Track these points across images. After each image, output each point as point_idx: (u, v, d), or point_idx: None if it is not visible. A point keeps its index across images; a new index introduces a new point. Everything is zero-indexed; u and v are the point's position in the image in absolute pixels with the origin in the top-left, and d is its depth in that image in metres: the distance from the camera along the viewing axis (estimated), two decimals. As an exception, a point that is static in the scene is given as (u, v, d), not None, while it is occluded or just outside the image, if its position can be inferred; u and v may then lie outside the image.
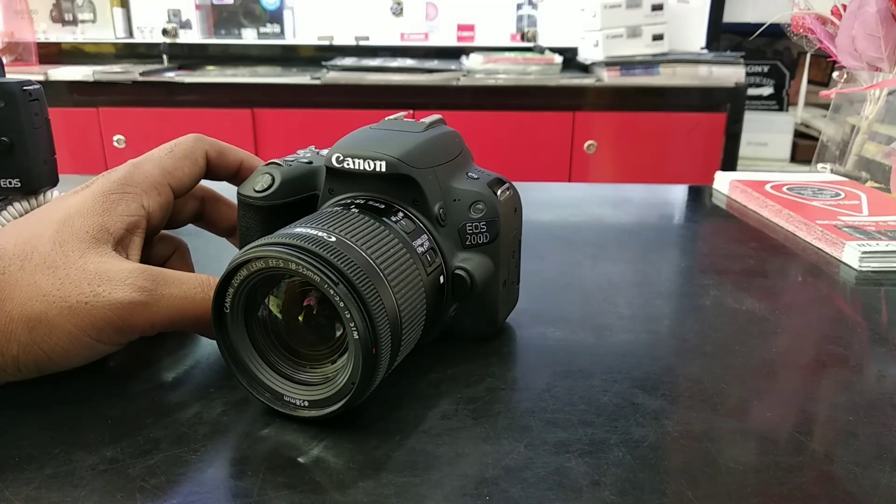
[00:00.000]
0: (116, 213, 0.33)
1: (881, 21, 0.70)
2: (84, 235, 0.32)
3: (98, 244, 0.32)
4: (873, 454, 0.29)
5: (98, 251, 0.31)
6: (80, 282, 0.30)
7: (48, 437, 0.29)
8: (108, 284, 0.30)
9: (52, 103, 0.48)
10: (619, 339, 0.40)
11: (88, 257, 0.31)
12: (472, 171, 0.37)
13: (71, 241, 0.31)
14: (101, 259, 0.31)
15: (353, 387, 0.28)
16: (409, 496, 0.26)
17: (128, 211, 0.34)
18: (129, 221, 0.34)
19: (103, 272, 0.30)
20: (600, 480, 0.27)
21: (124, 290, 0.30)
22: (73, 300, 0.29)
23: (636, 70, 1.73)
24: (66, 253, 0.31)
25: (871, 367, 0.38)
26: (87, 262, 0.31)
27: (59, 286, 0.29)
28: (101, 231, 0.32)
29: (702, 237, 0.64)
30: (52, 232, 0.31)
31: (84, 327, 0.29)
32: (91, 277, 0.30)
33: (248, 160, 0.40)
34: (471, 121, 1.70)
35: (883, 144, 0.75)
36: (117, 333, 0.31)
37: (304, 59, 2.05)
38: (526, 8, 2.02)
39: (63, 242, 0.31)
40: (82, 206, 0.33)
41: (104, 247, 0.32)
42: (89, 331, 0.30)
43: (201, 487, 0.27)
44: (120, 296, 0.30)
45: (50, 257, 0.30)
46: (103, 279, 0.30)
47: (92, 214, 0.33)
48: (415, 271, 0.32)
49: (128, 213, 0.34)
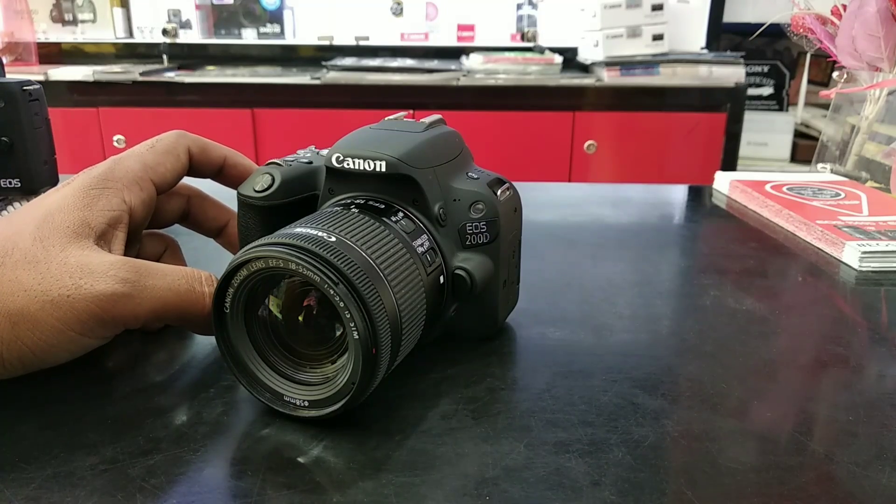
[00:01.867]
0: (97, 208, 0.33)
1: (881, 21, 0.70)
2: (65, 230, 0.31)
3: (79, 238, 0.31)
4: (873, 454, 0.29)
5: (79, 245, 0.31)
6: (62, 275, 0.30)
7: (48, 437, 0.29)
8: (89, 277, 0.30)
9: (52, 103, 0.48)
10: (619, 339, 0.40)
11: (69, 251, 0.31)
12: (472, 171, 0.37)
13: (52, 236, 0.31)
14: (82, 252, 0.31)
15: (353, 387, 0.28)
16: (409, 496, 0.26)
17: (109, 206, 0.33)
18: (110, 216, 0.33)
19: (84, 265, 0.30)
20: (600, 480, 0.27)
21: (106, 281, 0.30)
22: (54, 294, 0.29)
23: (636, 70, 1.73)
24: (47, 248, 0.30)
25: (871, 367, 0.38)
26: (69, 255, 0.30)
27: (40, 280, 0.29)
28: (82, 225, 0.32)
29: (702, 237, 0.64)
30: (32, 228, 0.31)
31: (67, 321, 0.29)
32: (73, 270, 0.30)
33: (232, 157, 0.40)
34: (471, 121, 1.70)
35: (883, 144, 0.75)
36: (101, 326, 0.30)
37: (304, 59, 2.05)
38: (526, 8, 2.02)
39: (44, 238, 0.31)
40: (62, 202, 0.33)
41: (85, 241, 0.32)
42: (72, 324, 0.29)
43: (201, 487, 0.27)
44: (102, 287, 0.30)
45: (31, 252, 0.30)
46: (85, 272, 0.30)
47: (72, 209, 0.32)
48: (415, 271, 0.32)
49: (109, 207, 0.33)
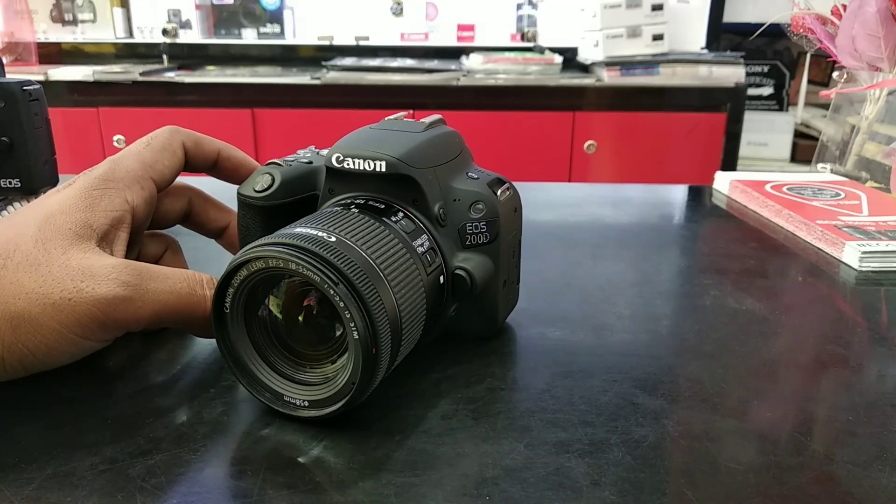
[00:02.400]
0: (99, 209, 0.33)
1: (881, 21, 0.70)
2: (67, 232, 0.31)
3: (81, 241, 0.31)
4: (873, 454, 0.29)
5: (81, 247, 0.31)
6: (63, 278, 0.29)
7: (48, 437, 0.29)
8: (91, 280, 0.30)
9: (52, 103, 0.48)
10: (619, 339, 0.40)
11: (71, 254, 0.30)
12: (472, 171, 0.37)
13: (53, 238, 0.31)
14: (84, 255, 0.31)
15: (353, 387, 0.28)
16: (409, 496, 0.26)
17: (111, 206, 0.33)
18: (112, 217, 0.33)
19: (86, 268, 0.30)
20: (600, 480, 0.27)
21: (108, 285, 0.30)
22: (56, 297, 0.29)
23: (636, 70, 1.73)
24: (49, 250, 0.30)
25: (871, 367, 0.38)
26: (70, 258, 0.30)
27: (41, 283, 0.29)
28: (84, 227, 0.32)
29: (702, 237, 0.64)
30: (34, 230, 0.31)
31: (68, 324, 0.29)
32: (74, 274, 0.30)
33: (226, 150, 0.40)
34: (471, 121, 1.70)
35: (883, 144, 0.75)
36: (102, 329, 0.30)
37: (304, 59, 2.05)
38: (526, 8, 2.02)
39: (45, 240, 0.31)
40: (64, 203, 0.32)
41: (87, 243, 0.31)
42: (73, 327, 0.29)
43: (201, 487, 0.27)
44: (104, 291, 0.30)
45: (32, 255, 0.30)
46: (86, 275, 0.30)
47: (74, 211, 0.32)
48: (415, 271, 0.32)
49: (111, 208, 0.33)
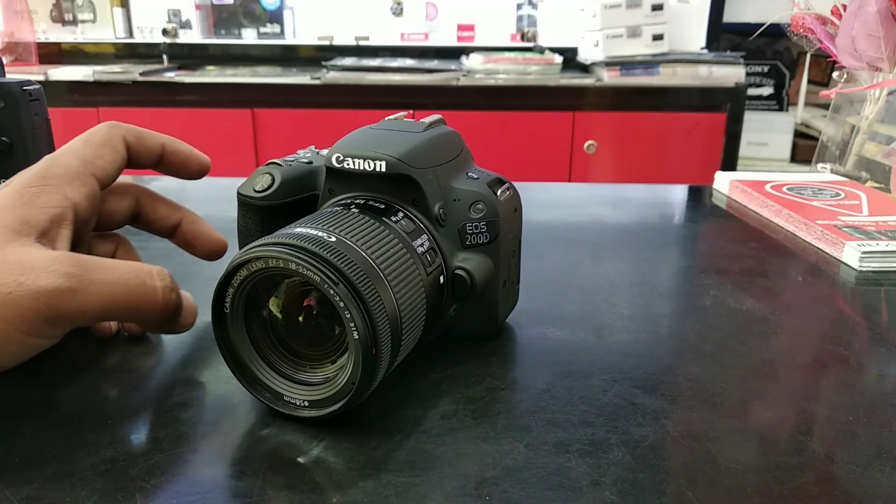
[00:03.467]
0: (37, 206, 0.32)
1: (881, 21, 0.70)
2: (3, 229, 0.30)
3: (18, 236, 0.31)
4: (873, 454, 0.29)
5: (19, 242, 0.30)
6: (2, 273, 0.29)
7: (48, 437, 0.29)
8: (31, 273, 0.29)
9: (52, 103, 0.48)
10: (619, 339, 0.40)
11: (8, 249, 0.30)
12: (472, 171, 0.37)
13: None
14: (22, 249, 0.30)
15: (353, 387, 0.28)
16: (409, 496, 0.26)
17: (50, 203, 0.33)
18: (52, 213, 0.32)
19: (25, 261, 0.29)
20: (600, 480, 0.27)
21: (49, 277, 0.29)
22: None
23: (636, 70, 1.73)
24: None
25: (871, 367, 0.38)
26: (8, 253, 0.29)
27: None
28: (21, 223, 0.31)
29: (702, 237, 0.64)
30: None
31: (10, 320, 0.28)
32: (12, 268, 0.29)
33: (171, 144, 0.39)
34: (471, 121, 1.70)
35: (883, 144, 0.75)
36: (47, 324, 0.29)
37: (304, 59, 2.05)
38: (526, 8, 2.02)
39: None
40: (1, 202, 0.32)
41: (25, 239, 0.31)
42: (17, 323, 0.28)
43: (201, 487, 0.27)
44: (45, 283, 0.29)
45: None
46: (26, 268, 0.29)
47: (10, 208, 0.31)
48: (415, 271, 0.32)
49: (49, 204, 0.32)
